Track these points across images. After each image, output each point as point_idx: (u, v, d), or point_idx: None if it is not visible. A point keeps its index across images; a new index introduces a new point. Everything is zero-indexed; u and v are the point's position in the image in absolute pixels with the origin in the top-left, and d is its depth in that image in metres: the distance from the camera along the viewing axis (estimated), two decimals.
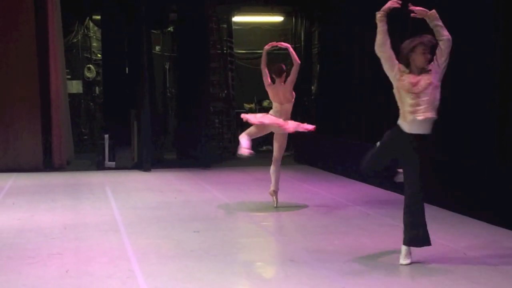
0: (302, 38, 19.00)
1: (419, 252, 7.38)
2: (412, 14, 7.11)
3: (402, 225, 8.84)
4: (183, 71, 17.25)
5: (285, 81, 10.51)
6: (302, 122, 10.56)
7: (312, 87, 18.92)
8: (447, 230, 8.49)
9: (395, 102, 12.22)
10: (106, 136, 15.45)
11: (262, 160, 17.10)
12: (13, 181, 13.50)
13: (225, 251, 7.60)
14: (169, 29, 19.12)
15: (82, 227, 8.93)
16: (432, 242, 7.15)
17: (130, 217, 9.58)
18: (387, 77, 12.51)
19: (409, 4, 7.05)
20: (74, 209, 10.36)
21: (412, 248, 7.17)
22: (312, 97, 18.52)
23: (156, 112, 17.65)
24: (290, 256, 7.45)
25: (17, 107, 14.96)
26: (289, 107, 10.45)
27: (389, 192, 11.70)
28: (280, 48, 11.31)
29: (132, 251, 7.61)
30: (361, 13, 13.94)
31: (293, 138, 13.59)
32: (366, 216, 9.72)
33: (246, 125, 10.54)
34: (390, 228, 8.81)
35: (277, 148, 10.58)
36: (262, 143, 19.71)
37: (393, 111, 12.31)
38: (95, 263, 7.18)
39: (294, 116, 10.79)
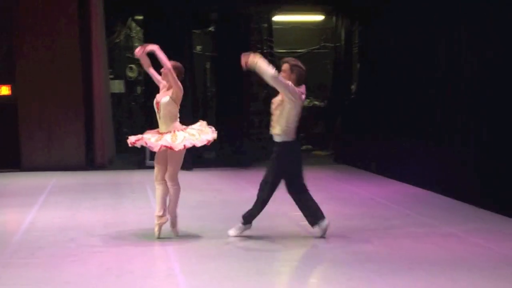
0: (343, 37, 18.93)
1: (459, 252, 7.36)
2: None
3: (442, 226, 8.83)
4: (223, 70, 17.31)
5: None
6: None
7: (352, 87, 18.85)
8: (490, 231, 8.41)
9: (437, 102, 12.18)
10: None
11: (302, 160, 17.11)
12: (56, 179, 13.70)
13: (264, 251, 7.64)
14: (210, 28, 19.18)
15: (122, 226, 9.04)
16: (474, 243, 7.14)
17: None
18: (429, 77, 12.49)
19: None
20: (115, 208, 10.48)
21: (451, 250, 7.15)
22: (352, 96, 18.45)
23: (196, 111, 17.73)
24: (329, 257, 7.46)
25: (61, 107, 15.18)
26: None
27: (429, 192, 11.61)
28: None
29: (171, 249, 7.69)
30: (403, 12, 13.86)
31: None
32: (405, 216, 9.67)
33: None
34: (429, 229, 8.76)
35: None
36: (302, 142, 19.71)
37: (435, 111, 12.27)
38: (136, 261, 7.28)
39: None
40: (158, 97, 8.55)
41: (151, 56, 8.64)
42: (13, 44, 15.10)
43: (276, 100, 8.19)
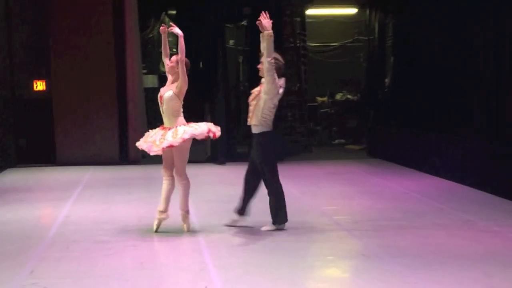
0: (376, 30, 18.82)
1: (494, 247, 7.29)
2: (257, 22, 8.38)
3: (476, 220, 8.75)
4: (256, 64, 17.29)
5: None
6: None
7: (386, 80, 18.75)
8: None
9: (472, 95, 12.06)
10: None
11: (334, 153, 17.12)
12: (91, 174, 13.84)
13: (296, 245, 7.63)
14: (242, 23, 19.21)
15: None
16: (509, 238, 7.07)
17: (203, 210, 9.70)
18: (464, 70, 12.36)
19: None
20: (148, 202, 10.54)
21: (485, 245, 7.09)
22: (386, 90, 18.36)
23: (229, 105, 17.76)
24: (362, 251, 7.44)
25: (95, 102, 15.33)
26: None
27: (463, 186, 11.51)
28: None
29: (204, 243, 7.72)
30: (437, 4, 13.75)
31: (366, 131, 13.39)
32: (439, 210, 9.60)
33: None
34: (464, 223, 8.69)
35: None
36: (335, 136, 19.67)
37: (471, 104, 12.16)
38: (169, 255, 7.34)
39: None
40: (162, 90, 8.54)
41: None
42: (48, 40, 15.27)
43: (254, 91, 8.38)
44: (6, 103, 14.99)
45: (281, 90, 8.31)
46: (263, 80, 8.30)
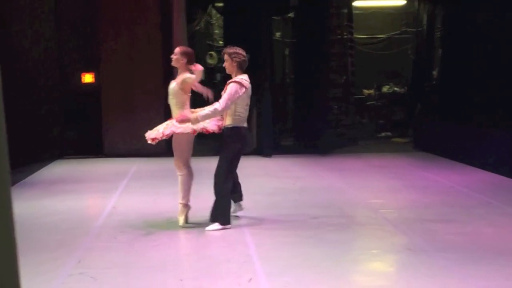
0: (424, 22, 18.64)
1: None
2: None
3: None
4: (302, 57, 17.29)
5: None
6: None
7: (434, 72, 18.55)
8: None
9: None
10: None
11: (381, 146, 16.99)
12: (138, 165, 13.97)
13: (341, 238, 7.60)
14: (289, 15, 19.18)
15: (200, 212, 9.11)
16: None
17: (248, 202, 9.67)
18: None
19: None
20: (193, 194, 10.52)
21: None
22: (434, 82, 18.16)
23: (275, 98, 17.77)
24: (408, 245, 7.37)
25: (142, 94, 15.47)
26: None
27: (511, 180, 11.33)
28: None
29: (249, 236, 7.74)
30: None
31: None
32: (487, 205, 9.46)
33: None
34: None
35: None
36: (381, 129, 19.53)
37: None
38: (214, 247, 7.36)
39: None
40: (171, 83, 8.64)
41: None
42: (96, 33, 15.43)
43: (223, 93, 8.32)
44: (55, 95, 15.22)
45: (247, 87, 8.34)
46: (228, 82, 8.34)
